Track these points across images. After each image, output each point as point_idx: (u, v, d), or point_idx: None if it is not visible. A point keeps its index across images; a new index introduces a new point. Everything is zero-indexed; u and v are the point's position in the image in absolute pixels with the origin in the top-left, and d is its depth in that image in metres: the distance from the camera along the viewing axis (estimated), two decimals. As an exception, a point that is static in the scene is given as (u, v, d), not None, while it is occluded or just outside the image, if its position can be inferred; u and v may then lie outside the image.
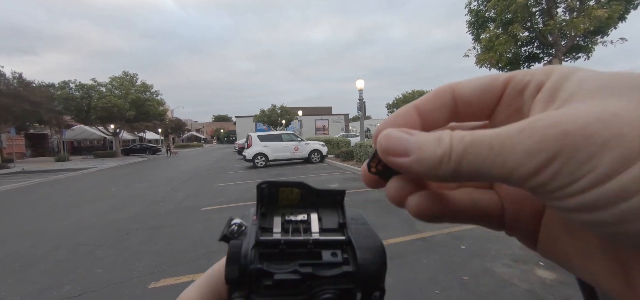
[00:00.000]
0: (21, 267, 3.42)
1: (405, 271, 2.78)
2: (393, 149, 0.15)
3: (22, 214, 6.30)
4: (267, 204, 0.19)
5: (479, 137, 0.13)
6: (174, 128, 52.03)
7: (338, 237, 0.18)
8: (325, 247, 0.18)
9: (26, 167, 17.95)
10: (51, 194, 8.78)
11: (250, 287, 0.16)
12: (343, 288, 0.17)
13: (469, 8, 11.27)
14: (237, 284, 0.16)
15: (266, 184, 0.18)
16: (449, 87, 0.17)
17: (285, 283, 0.16)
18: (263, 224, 0.18)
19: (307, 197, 0.19)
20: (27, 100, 18.20)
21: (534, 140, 0.11)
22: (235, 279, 0.16)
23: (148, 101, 27.81)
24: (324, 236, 0.18)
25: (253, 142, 12.52)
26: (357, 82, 12.72)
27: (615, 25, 9.25)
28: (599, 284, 0.15)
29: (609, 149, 0.10)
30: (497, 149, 0.12)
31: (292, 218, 0.19)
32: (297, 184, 0.19)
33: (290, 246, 0.17)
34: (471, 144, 0.13)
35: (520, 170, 0.12)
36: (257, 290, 0.16)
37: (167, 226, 4.69)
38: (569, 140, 0.11)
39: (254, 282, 0.16)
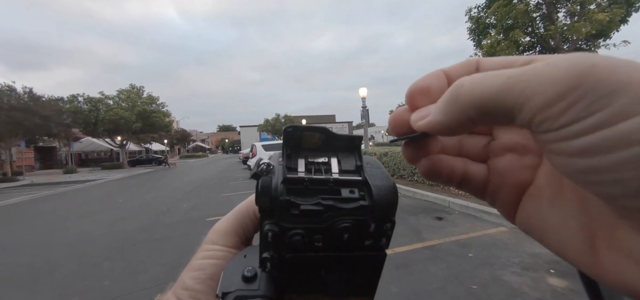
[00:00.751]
0: (30, 279, 3.46)
1: (412, 281, 2.75)
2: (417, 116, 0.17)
3: (32, 226, 6.39)
4: (292, 146, 0.21)
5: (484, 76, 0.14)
6: (179, 139, 52.63)
7: (355, 178, 0.20)
8: (344, 185, 0.20)
9: (35, 180, 18.26)
10: (59, 205, 8.90)
11: (280, 215, 0.18)
12: (359, 219, 0.19)
13: (470, 15, 11.37)
14: (269, 213, 0.19)
15: (292, 127, 0.20)
16: (475, 61, 0.17)
17: (310, 213, 0.18)
18: (289, 164, 0.20)
19: (327, 141, 0.21)
20: (38, 114, 18.63)
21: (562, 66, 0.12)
22: (267, 208, 0.19)
23: (154, 113, 28.27)
24: (343, 176, 0.20)
25: (258, 151, 12.60)
26: (360, 90, 12.81)
27: (617, 29, 9.23)
28: (567, 255, 0.16)
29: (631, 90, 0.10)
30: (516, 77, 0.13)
31: (314, 160, 0.21)
32: (320, 129, 0.21)
33: (313, 183, 0.19)
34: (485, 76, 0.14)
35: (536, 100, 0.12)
36: (285, 218, 0.18)
37: (174, 237, 4.71)
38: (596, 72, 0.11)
39: (283, 212, 0.18)
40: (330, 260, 0.20)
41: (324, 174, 0.20)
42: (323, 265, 0.20)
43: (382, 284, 0.23)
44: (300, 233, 0.18)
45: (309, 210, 0.18)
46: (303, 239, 0.18)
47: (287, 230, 0.18)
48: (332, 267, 0.20)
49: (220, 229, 0.26)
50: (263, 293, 0.20)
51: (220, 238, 0.25)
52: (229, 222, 0.26)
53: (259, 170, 0.19)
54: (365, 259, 0.20)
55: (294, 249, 0.19)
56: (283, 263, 0.19)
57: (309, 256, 0.19)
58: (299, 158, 0.20)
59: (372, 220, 0.19)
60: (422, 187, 6.72)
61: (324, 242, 0.19)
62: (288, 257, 0.19)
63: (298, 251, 0.19)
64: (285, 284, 0.21)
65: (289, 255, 0.19)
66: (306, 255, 0.19)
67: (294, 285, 0.21)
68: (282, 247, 0.19)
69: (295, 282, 0.21)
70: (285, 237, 0.19)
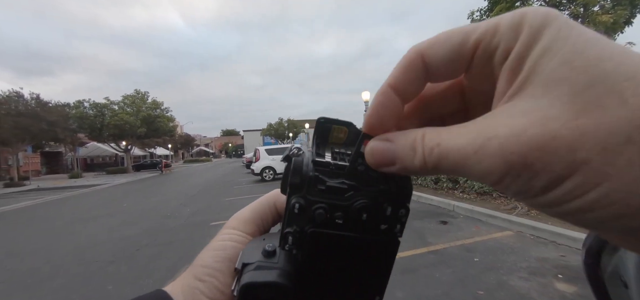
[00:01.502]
0: (35, 283, 3.48)
1: (418, 286, 2.72)
2: (380, 162, 0.18)
3: (37, 230, 6.45)
4: (321, 137, 0.22)
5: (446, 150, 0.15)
6: (183, 143, 53.01)
7: None
8: None
9: (41, 185, 18.48)
10: (65, 210, 8.99)
11: (308, 189, 0.20)
12: (377, 201, 0.21)
13: (472, 19, 11.38)
14: (299, 189, 0.20)
15: (324, 119, 0.22)
16: (417, 55, 0.16)
17: (334, 189, 0.20)
18: (317, 151, 0.22)
19: (352, 137, 0.23)
20: (44, 120, 18.94)
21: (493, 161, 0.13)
22: (298, 184, 0.20)
23: (158, 118, 28.56)
24: None
25: (261, 155, 12.63)
26: (363, 93, 12.84)
27: (622, 30, 9.17)
28: None
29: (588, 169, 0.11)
30: (461, 162, 0.14)
31: (340, 150, 0.22)
32: (346, 123, 0.23)
33: (338, 169, 0.21)
34: (440, 157, 0.15)
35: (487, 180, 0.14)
36: (312, 192, 0.20)
37: (177, 241, 4.72)
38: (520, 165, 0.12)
39: (311, 186, 0.20)
40: (347, 241, 0.21)
41: (347, 162, 0.21)
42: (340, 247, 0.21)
43: (387, 289, 0.23)
44: (324, 207, 0.20)
45: (334, 186, 0.20)
46: (325, 213, 0.20)
47: (313, 203, 0.20)
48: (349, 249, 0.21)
49: (241, 216, 0.27)
50: (282, 266, 0.21)
51: (240, 224, 0.27)
52: (250, 211, 0.28)
53: (291, 153, 0.22)
54: (380, 243, 0.21)
55: (316, 223, 0.20)
56: (304, 239, 0.21)
57: (328, 233, 0.20)
58: (327, 150, 0.22)
59: (388, 204, 0.21)
60: (426, 191, 6.67)
61: (344, 220, 0.20)
62: (309, 231, 0.20)
63: (320, 225, 0.20)
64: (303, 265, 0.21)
65: (311, 229, 0.20)
66: (327, 231, 0.20)
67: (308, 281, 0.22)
68: (306, 221, 0.20)
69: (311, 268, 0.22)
70: (310, 210, 0.20)
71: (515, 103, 0.14)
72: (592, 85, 0.12)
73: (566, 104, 0.12)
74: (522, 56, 0.14)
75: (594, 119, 0.11)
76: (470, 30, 0.15)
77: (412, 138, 0.16)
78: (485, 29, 0.15)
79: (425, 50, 0.16)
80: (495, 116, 0.14)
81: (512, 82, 0.14)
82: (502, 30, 0.14)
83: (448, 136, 0.15)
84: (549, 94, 0.12)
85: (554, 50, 0.13)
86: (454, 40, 0.15)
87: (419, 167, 0.16)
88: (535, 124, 0.12)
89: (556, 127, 0.12)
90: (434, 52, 0.16)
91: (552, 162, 0.12)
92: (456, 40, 0.15)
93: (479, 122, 0.14)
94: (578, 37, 0.13)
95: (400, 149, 0.17)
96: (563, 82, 0.12)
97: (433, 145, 0.15)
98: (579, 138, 0.11)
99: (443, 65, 0.16)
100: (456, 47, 0.15)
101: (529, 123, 0.12)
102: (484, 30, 0.15)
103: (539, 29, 0.13)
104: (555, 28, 0.13)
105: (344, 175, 0.21)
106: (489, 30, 0.15)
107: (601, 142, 0.11)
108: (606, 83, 0.11)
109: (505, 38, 0.14)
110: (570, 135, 0.11)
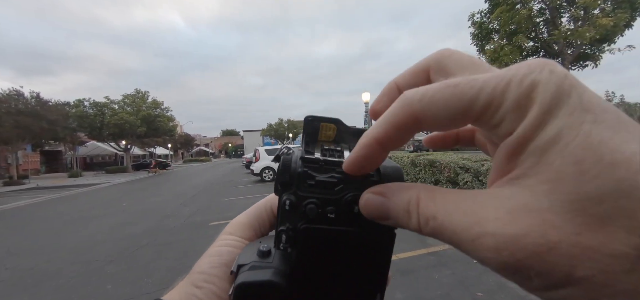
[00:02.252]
0: (34, 283, 3.48)
1: (417, 288, 2.72)
2: (374, 216, 0.18)
3: (36, 229, 6.44)
4: (310, 135, 0.23)
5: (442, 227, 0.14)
6: (183, 143, 53.00)
7: None
8: None
9: (40, 184, 18.45)
10: (64, 209, 8.97)
11: (298, 185, 0.20)
12: None
13: (473, 20, 11.40)
14: (288, 186, 0.20)
15: (312, 117, 0.22)
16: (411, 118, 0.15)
17: (324, 183, 0.20)
18: (307, 148, 0.22)
19: (341, 134, 0.23)
20: (45, 119, 18.93)
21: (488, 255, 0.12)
22: (287, 182, 0.20)
23: (158, 117, 28.53)
24: None
25: (261, 156, 12.63)
26: (363, 95, 12.85)
27: (622, 33, 9.18)
28: None
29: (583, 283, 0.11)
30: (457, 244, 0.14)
31: (329, 147, 0.23)
32: (334, 120, 0.23)
33: (327, 164, 0.21)
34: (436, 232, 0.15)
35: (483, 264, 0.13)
36: (302, 188, 0.20)
37: (177, 241, 4.72)
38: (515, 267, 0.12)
39: (300, 182, 0.20)
40: (341, 238, 0.21)
41: (337, 158, 0.22)
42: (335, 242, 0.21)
43: (387, 290, 0.23)
44: (315, 202, 0.20)
45: (324, 181, 0.20)
46: (317, 208, 0.20)
47: (303, 199, 0.20)
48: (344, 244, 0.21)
49: (238, 222, 0.28)
50: (277, 265, 0.21)
51: (237, 229, 0.27)
52: (247, 216, 0.28)
53: (280, 152, 0.22)
54: (375, 236, 0.21)
55: (308, 218, 0.20)
56: (298, 236, 0.21)
57: (321, 229, 0.20)
58: (316, 147, 0.23)
59: None
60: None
61: (336, 214, 0.20)
62: (302, 227, 0.20)
63: (312, 221, 0.20)
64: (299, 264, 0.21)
65: (303, 225, 0.20)
66: (319, 227, 0.20)
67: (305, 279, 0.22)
68: (298, 218, 0.20)
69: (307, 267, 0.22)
70: (301, 206, 0.20)
71: (515, 193, 0.13)
72: (600, 201, 0.11)
73: (569, 213, 0.11)
74: (526, 140, 0.13)
75: (596, 239, 0.11)
76: (473, 99, 0.13)
77: (407, 200, 0.16)
78: (487, 102, 0.13)
79: (420, 113, 0.15)
80: (493, 202, 0.13)
81: (513, 164, 0.13)
82: (507, 107, 0.13)
83: (444, 209, 0.14)
84: (551, 195, 0.12)
85: (564, 141, 0.12)
86: (452, 106, 0.14)
87: (414, 230, 0.16)
88: (534, 229, 0.12)
89: (556, 238, 0.11)
90: (431, 115, 0.14)
91: (548, 271, 0.11)
92: (455, 107, 0.14)
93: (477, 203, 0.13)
94: (593, 126, 0.11)
95: (394, 208, 0.17)
96: (569, 186, 0.11)
97: (429, 216, 0.15)
98: (579, 255, 0.11)
99: (438, 126, 0.15)
100: (455, 114, 0.14)
101: (528, 227, 0.12)
102: (486, 102, 0.13)
103: (549, 110, 0.12)
104: (568, 110, 0.12)
105: (334, 171, 0.21)
106: (492, 105, 0.13)
107: (603, 265, 0.10)
108: (618, 201, 0.10)
109: (510, 118, 0.13)
110: (569, 251, 0.11)
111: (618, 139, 0.11)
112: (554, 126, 0.12)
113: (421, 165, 6.99)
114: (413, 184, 0.17)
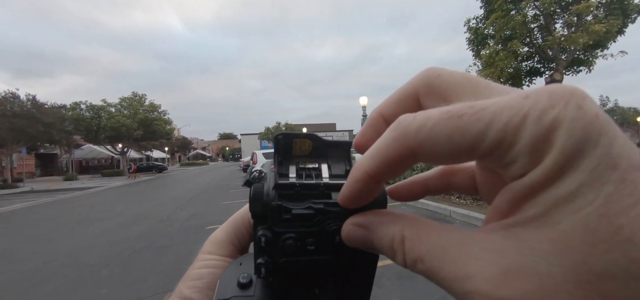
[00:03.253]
0: (29, 287, 3.44)
1: (414, 292, 2.73)
2: (357, 246, 0.17)
3: (31, 233, 6.37)
4: (283, 153, 0.21)
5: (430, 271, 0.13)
6: (180, 146, 52.78)
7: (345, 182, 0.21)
8: (335, 189, 0.20)
9: (35, 187, 18.25)
10: (59, 213, 8.88)
11: (273, 220, 0.19)
12: None
13: (468, 26, 11.56)
14: (262, 219, 0.19)
15: (282, 135, 0.21)
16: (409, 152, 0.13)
17: (301, 216, 0.19)
18: (280, 170, 0.20)
19: (317, 148, 0.22)
20: (40, 122, 18.78)
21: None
22: (260, 214, 0.19)
23: (156, 120, 28.44)
24: (333, 181, 0.20)
25: (258, 159, 12.63)
26: (361, 98, 12.94)
27: (614, 39, 9.36)
28: None
29: None
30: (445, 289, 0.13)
31: (305, 166, 0.21)
32: (309, 136, 0.21)
33: (304, 188, 0.19)
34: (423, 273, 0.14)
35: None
36: (277, 223, 0.19)
37: (173, 245, 4.69)
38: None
39: (275, 216, 0.19)
40: (323, 264, 0.20)
41: (314, 179, 0.20)
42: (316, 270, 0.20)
43: (384, 295, 0.23)
44: (293, 237, 0.19)
45: (301, 214, 0.19)
46: (296, 243, 0.19)
47: (280, 235, 0.19)
48: (325, 271, 0.20)
49: (216, 238, 0.26)
50: (259, 297, 0.20)
51: (216, 247, 0.26)
52: (224, 231, 0.27)
53: (251, 177, 0.20)
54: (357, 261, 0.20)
55: (287, 253, 0.19)
56: (277, 268, 0.19)
57: (302, 260, 0.19)
58: (291, 164, 0.21)
59: None
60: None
61: (317, 246, 0.19)
62: (282, 261, 0.19)
63: (291, 255, 0.19)
64: (280, 290, 0.21)
65: (283, 259, 0.19)
66: (299, 259, 0.19)
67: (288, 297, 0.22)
68: (276, 252, 0.19)
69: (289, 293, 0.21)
70: (279, 241, 0.19)
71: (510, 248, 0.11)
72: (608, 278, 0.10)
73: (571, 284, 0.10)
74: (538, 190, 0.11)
75: None
76: (479, 135, 0.11)
77: (390, 237, 0.15)
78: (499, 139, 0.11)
79: (418, 147, 0.13)
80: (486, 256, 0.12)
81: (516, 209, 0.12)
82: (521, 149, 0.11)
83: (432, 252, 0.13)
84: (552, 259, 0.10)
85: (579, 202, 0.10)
86: (456, 142, 0.12)
87: (399, 262, 0.15)
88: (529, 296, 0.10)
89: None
90: (429, 149, 0.13)
91: None
92: (460, 143, 0.12)
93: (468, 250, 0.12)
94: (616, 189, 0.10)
95: (377, 242, 0.16)
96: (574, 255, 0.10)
97: (416, 259, 0.14)
98: None
99: (437, 161, 0.14)
100: (459, 150, 0.12)
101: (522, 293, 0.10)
102: (498, 139, 0.11)
103: (571, 160, 0.10)
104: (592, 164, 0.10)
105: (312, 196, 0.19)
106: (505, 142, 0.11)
107: None
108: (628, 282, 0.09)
109: (523, 161, 0.11)
110: None
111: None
112: (572, 180, 0.10)
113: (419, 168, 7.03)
114: (397, 214, 0.16)
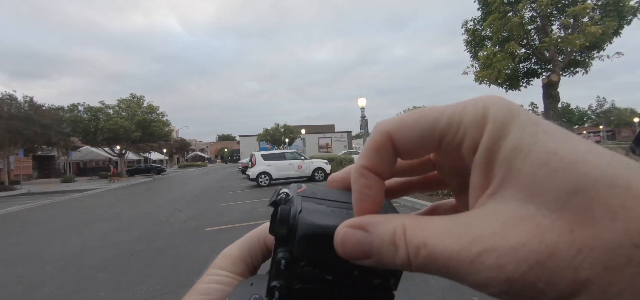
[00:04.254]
0: (25, 290, 3.41)
1: (412, 291, 2.73)
2: (353, 255, 0.16)
3: (28, 235, 6.33)
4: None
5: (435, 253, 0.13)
6: (178, 148, 52.67)
7: None
8: None
9: (32, 189, 18.14)
10: (56, 215, 8.83)
11: (294, 244, 0.18)
12: None
13: (466, 28, 11.62)
14: (284, 241, 0.19)
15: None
16: (386, 137, 0.16)
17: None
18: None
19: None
20: (38, 123, 18.70)
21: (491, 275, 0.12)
22: (284, 237, 0.19)
23: (154, 122, 28.35)
24: None
25: (257, 161, 12.60)
26: (359, 100, 12.95)
27: (610, 40, 9.45)
28: None
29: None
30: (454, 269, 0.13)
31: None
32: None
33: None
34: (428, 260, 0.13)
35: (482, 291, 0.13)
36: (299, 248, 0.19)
37: (171, 247, 4.67)
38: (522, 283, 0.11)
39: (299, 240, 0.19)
40: (338, 296, 0.20)
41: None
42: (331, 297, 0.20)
43: None
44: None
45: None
46: (314, 271, 0.18)
47: (300, 260, 0.18)
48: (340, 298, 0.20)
49: (229, 254, 0.26)
50: None
51: (228, 264, 0.25)
52: (239, 248, 0.26)
53: (278, 198, 0.20)
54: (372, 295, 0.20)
55: (304, 280, 0.19)
56: (291, 294, 0.19)
57: (317, 289, 0.19)
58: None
59: None
60: (420, 197, 6.71)
61: (334, 277, 0.19)
62: (297, 287, 0.19)
63: (308, 282, 0.19)
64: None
65: (298, 285, 0.19)
66: (315, 287, 0.19)
67: None
68: (293, 277, 0.19)
69: None
70: (297, 266, 0.19)
71: (501, 206, 0.13)
72: (575, 192, 0.11)
73: (555, 211, 0.11)
74: (492, 151, 0.13)
75: (588, 233, 0.11)
76: (435, 119, 0.15)
77: (391, 230, 0.15)
78: (448, 122, 0.15)
79: (393, 131, 0.16)
80: (484, 219, 0.13)
81: (489, 179, 0.14)
82: (466, 124, 0.14)
83: (435, 234, 0.13)
84: (534, 199, 0.12)
85: (526, 149, 0.12)
86: (419, 126, 0.15)
87: (400, 265, 0.14)
88: (531, 237, 0.11)
89: (553, 240, 0.11)
90: (402, 135, 0.16)
91: (555, 281, 0.11)
92: (422, 127, 0.15)
93: (468, 224, 0.13)
94: (546, 136, 0.12)
95: (377, 242, 0.15)
96: (545, 185, 0.12)
97: (419, 244, 0.14)
98: (578, 254, 0.11)
99: (410, 147, 0.16)
100: (422, 133, 0.15)
101: (525, 235, 0.12)
102: (448, 122, 0.15)
103: (504, 124, 0.13)
104: (520, 124, 0.13)
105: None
106: (453, 124, 0.14)
107: (602, 262, 0.11)
108: (588, 191, 0.11)
109: (470, 133, 0.14)
110: (568, 252, 0.11)
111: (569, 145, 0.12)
112: (513, 136, 0.13)
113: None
114: (394, 214, 0.16)
